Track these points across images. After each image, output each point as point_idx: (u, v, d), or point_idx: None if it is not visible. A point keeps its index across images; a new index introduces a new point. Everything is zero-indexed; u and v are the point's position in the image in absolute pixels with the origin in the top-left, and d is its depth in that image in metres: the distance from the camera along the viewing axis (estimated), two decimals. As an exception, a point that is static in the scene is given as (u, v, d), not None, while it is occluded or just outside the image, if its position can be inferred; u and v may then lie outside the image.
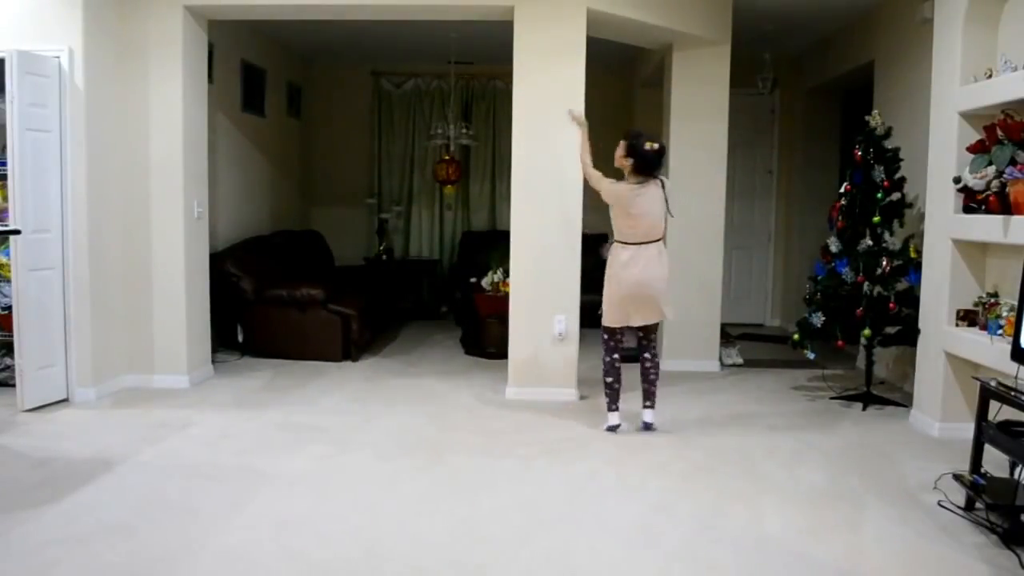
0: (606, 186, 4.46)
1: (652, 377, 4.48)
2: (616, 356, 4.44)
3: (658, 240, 4.37)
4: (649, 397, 4.50)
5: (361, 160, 8.83)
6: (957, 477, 3.42)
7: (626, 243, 4.37)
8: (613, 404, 4.46)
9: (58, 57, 4.70)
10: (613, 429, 4.44)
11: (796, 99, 7.92)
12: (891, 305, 4.89)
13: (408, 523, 3.19)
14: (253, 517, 3.22)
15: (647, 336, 4.49)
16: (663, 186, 4.36)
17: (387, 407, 4.91)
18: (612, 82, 8.20)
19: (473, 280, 6.68)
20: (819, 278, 5.19)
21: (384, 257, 8.43)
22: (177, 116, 5.13)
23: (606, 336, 4.46)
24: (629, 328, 4.45)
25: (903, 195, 5.06)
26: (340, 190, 8.85)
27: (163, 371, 5.26)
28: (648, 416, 4.50)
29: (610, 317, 4.40)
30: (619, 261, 4.37)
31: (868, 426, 4.67)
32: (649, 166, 4.33)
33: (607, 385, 4.45)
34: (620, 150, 4.41)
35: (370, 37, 7.31)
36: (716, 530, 3.16)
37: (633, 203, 4.33)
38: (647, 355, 4.48)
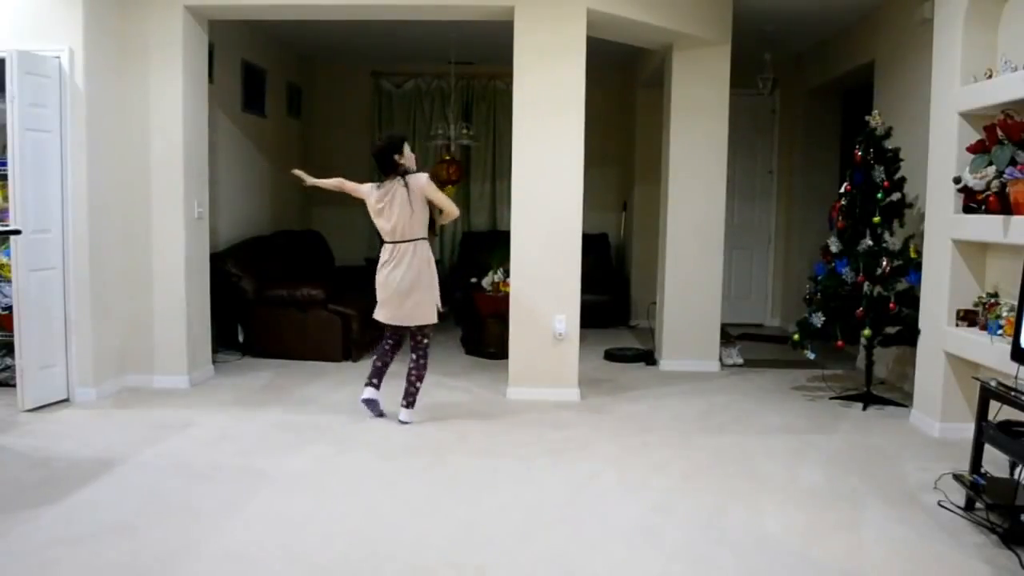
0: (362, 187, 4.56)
1: (411, 378, 4.52)
2: (383, 344, 4.66)
3: (410, 240, 4.37)
4: (406, 396, 4.55)
5: (361, 160, 8.80)
6: (957, 477, 3.42)
7: (384, 241, 4.47)
8: (370, 379, 4.63)
9: (58, 57, 4.70)
10: (365, 403, 4.59)
11: (796, 99, 7.92)
12: (891, 305, 4.89)
13: (408, 523, 3.19)
14: (253, 517, 3.22)
15: (414, 338, 4.52)
16: (407, 185, 4.36)
17: (387, 407, 4.91)
18: (612, 82, 8.21)
19: (473, 280, 6.68)
20: (819, 278, 5.19)
21: (384, 257, 8.41)
22: (177, 116, 5.13)
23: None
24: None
25: (903, 195, 5.06)
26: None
27: (163, 371, 5.26)
28: (403, 415, 4.54)
29: (376, 311, 4.54)
30: (380, 259, 4.48)
31: (868, 426, 4.68)
32: (379, 163, 4.44)
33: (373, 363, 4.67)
34: None
35: (370, 37, 7.31)
36: (716, 530, 3.16)
37: (370, 202, 4.44)
38: (413, 355, 4.51)
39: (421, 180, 4.38)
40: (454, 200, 8.74)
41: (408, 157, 4.45)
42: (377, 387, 4.65)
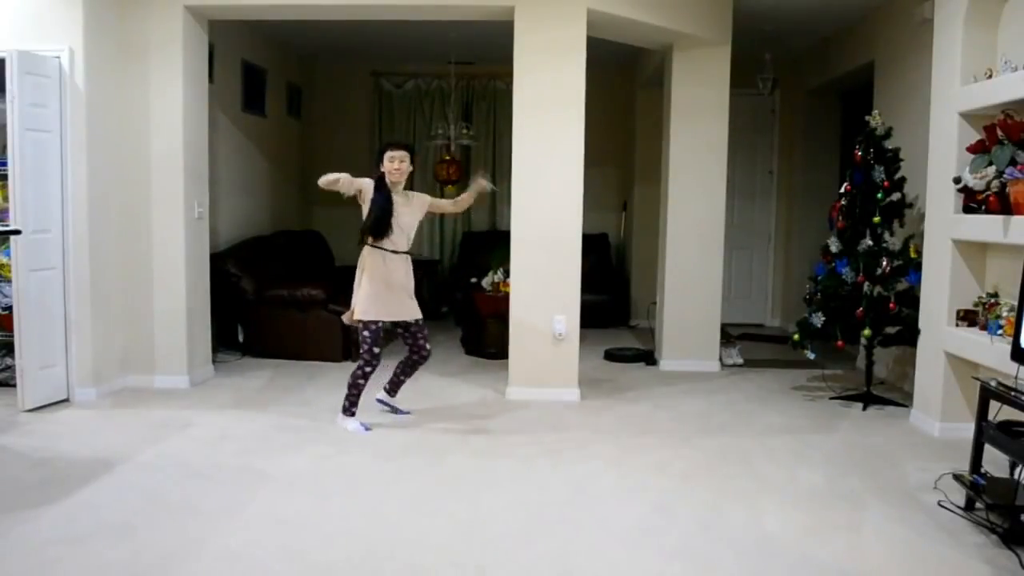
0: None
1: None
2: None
3: None
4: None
5: (361, 160, 8.80)
6: (957, 477, 3.42)
7: None
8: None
9: (58, 57, 4.70)
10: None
11: (796, 99, 7.92)
12: (891, 305, 4.89)
13: (408, 523, 3.19)
14: (253, 517, 3.22)
15: None
16: None
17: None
18: (612, 82, 8.20)
19: (473, 280, 6.68)
20: (819, 278, 5.19)
21: (384, 257, 8.41)
22: (177, 116, 5.13)
23: None
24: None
25: (903, 195, 5.06)
26: (340, 190, 8.83)
27: (163, 371, 5.26)
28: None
29: None
30: None
31: (868, 426, 4.67)
32: None
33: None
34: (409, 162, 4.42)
35: (370, 37, 7.31)
36: (716, 530, 3.16)
37: None
38: None
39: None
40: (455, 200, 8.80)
41: (387, 167, 4.34)
42: (388, 391, 4.80)
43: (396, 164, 4.34)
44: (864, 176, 5.03)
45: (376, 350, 4.38)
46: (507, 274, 5.51)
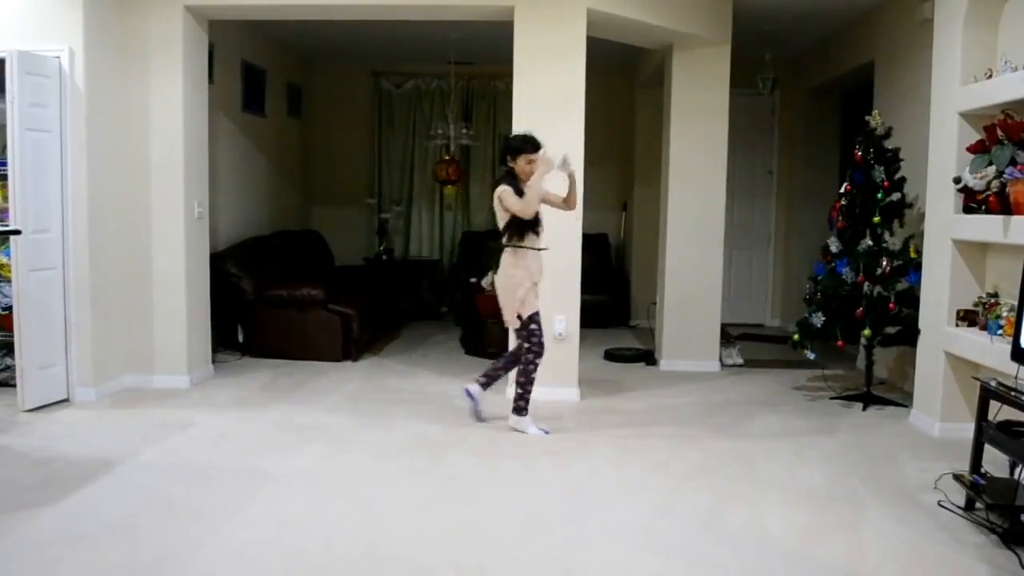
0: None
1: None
2: None
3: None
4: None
5: (361, 160, 8.83)
6: (957, 477, 3.42)
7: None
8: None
9: (58, 57, 4.69)
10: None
11: (796, 99, 7.92)
12: (891, 305, 4.89)
13: (408, 523, 3.19)
14: (253, 517, 3.22)
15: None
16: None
17: (387, 407, 4.91)
18: (612, 82, 8.20)
19: (473, 280, 6.68)
20: (819, 278, 5.19)
21: (384, 257, 8.43)
22: (177, 116, 5.13)
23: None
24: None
25: (903, 195, 5.06)
26: (340, 190, 8.85)
27: (163, 371, 5.26)
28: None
29: None
30: None
31: (868, 426, 4.67)
32: None
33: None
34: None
35: (370, 37, 7.31)
36: (716, 530, 3.16)
37: None
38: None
39: (498, 188, 4.34)
40: (455, 200, 8.82)
41: (521, 167, 4.29)
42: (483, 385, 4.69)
43: (532, 167, 4.29)
44: (864, 176, 5.03)
45: (544, 340, 4.41)
46: (507, 274, 5.50)
